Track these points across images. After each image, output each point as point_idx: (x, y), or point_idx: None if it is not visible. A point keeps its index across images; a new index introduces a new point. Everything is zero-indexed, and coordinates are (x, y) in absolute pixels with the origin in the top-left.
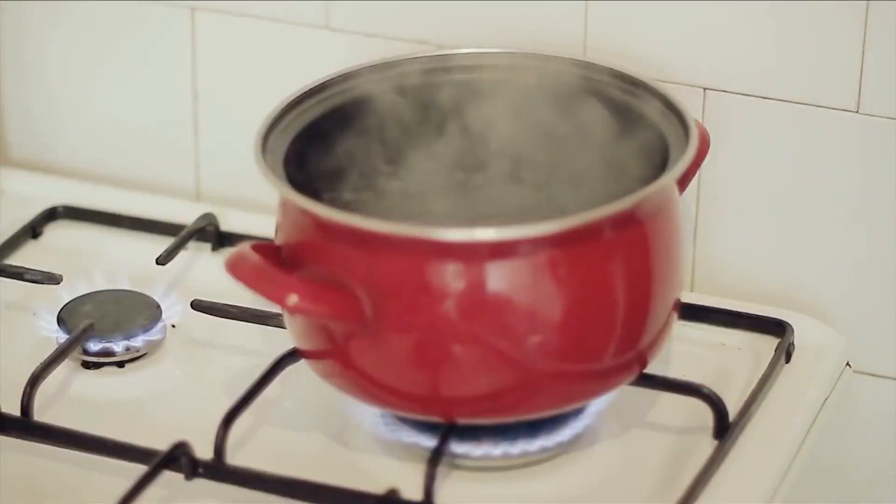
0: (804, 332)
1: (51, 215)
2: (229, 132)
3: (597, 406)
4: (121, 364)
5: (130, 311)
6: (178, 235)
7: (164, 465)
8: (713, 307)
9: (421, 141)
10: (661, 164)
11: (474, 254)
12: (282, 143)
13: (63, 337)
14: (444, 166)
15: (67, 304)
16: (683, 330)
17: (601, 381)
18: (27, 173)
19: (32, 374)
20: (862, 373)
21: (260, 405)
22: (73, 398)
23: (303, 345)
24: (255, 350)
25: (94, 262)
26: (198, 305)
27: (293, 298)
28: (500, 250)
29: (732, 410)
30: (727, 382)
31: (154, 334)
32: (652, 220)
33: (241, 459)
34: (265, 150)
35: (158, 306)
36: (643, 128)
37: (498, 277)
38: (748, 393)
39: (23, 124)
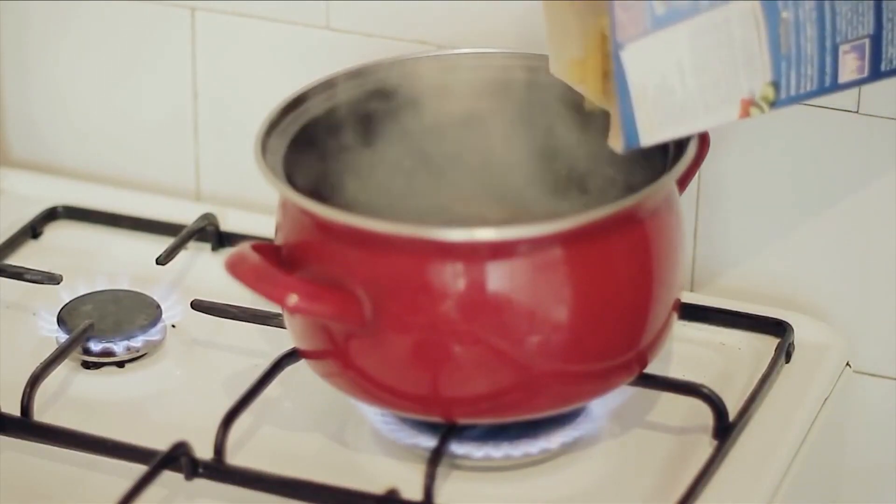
0: (804, 332)
1: (51, 215)
2: (229, 132)
3: (597, 406)
4: (121, 364)
5: (130, 311)
6: (178, 235)
7: (164, 465)
8: (713, 307)
9: (421, 141)
10: (661, 164)
11: (474, 254)
12: (282, 143)
13: (63, 337)
14: (443, 166)
15: (67, 304)
16: (683, 330)
17: (601, 381)
18: (27, 173)
19: (32, 374)
20: (862, 373)
21: (260, 405)
22: (73, 398)
23: (303, 345)
24: (255, 350)
25: (94, 262)
26: (198, 305)
27: (293, 298)
28: (500, 250)
29: (732, 410)
30: (727, 382)
31: (154, 334)
32: (652, 220)
33: (241, 459)
34: (265, 150)
35: (158, 306)
36: None
37: (498, 277)
38: (748, 393)
39: (23, 124)
